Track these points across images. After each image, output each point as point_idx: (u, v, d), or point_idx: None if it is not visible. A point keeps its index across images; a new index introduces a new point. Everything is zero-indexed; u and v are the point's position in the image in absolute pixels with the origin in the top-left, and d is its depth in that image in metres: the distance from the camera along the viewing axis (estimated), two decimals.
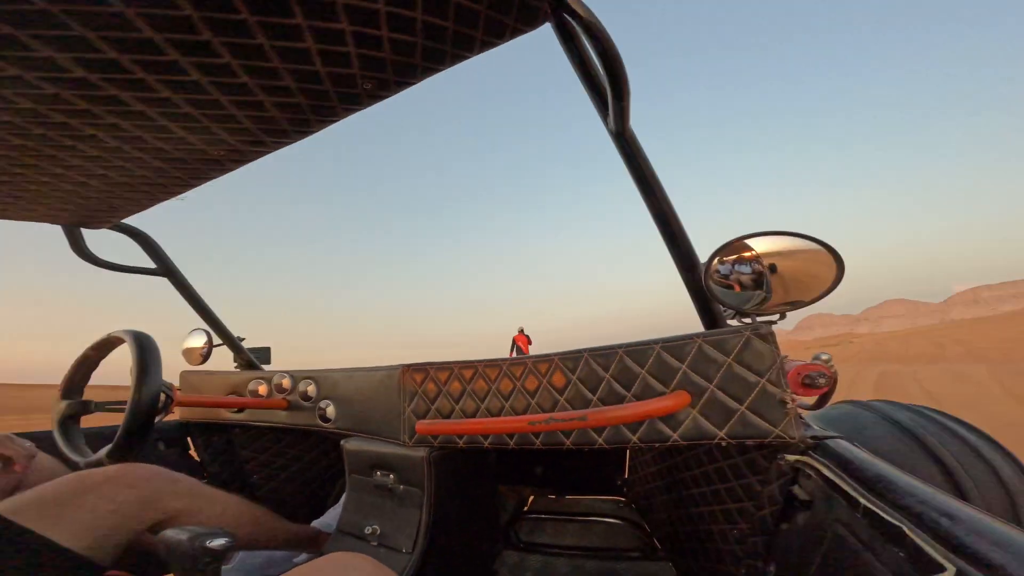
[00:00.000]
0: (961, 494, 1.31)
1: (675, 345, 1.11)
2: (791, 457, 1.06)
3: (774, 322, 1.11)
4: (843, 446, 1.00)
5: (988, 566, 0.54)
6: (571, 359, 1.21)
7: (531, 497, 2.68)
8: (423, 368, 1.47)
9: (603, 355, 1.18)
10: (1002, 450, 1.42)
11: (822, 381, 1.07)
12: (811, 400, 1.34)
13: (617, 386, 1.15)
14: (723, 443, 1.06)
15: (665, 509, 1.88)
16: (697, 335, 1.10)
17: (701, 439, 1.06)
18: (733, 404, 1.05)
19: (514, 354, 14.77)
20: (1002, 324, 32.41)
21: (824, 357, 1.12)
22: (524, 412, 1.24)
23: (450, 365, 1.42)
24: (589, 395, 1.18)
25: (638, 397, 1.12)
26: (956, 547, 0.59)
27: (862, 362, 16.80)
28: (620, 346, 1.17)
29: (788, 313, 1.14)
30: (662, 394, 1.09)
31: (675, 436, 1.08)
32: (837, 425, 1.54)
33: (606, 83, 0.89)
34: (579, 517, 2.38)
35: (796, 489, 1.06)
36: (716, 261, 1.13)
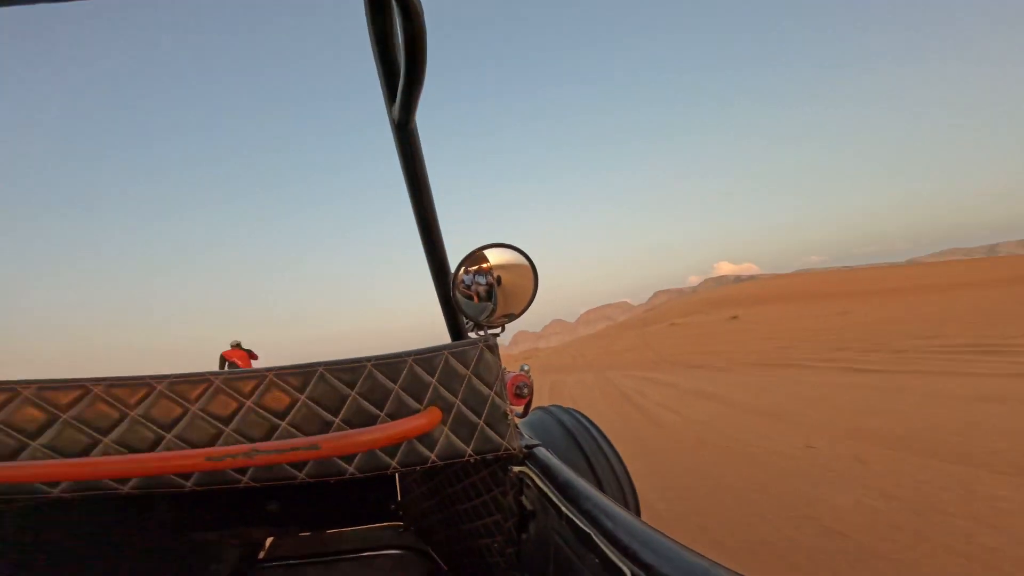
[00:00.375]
0: (597, 480, 1.55)
1: (426, 358, 1.02)
2: (516, 468, 1.05)
3: (498, 334, 1.10)
4: (544, 453, 1.03)
5: (646, 565, 0.58)
6: (297, 375, 1.00)
7: (269, 540, 2.22)
8: None
9: (346, 369, 1.01)
10: (607, 440, 1.73)
11: (526, 390, 1.18)
12: (520, 409, 1.46)
13: (367, 404, 0.99)
14: (471, 459, 1.01)
15: (443, 529, 1.71)
16: (444, 347, 1.04)
17: (454, 457, 1.00)
18: (474, 418, 1.01)
19: None
20: (594, 339, 42.05)
21: (526, 368, 1.19)
22: (208, 444, 0.98)
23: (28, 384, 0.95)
24: (328, 416, 0.98)
25: (393, 416, 0.99)
26: (627, 550, 0.62)
27: (540, 371, 20.42)
28: (368, 359, 1.02)
29: (507, 326, 1.16)
30: (416, 410, 1.00)
31: (433, 456, 0.99)
32: (539, 431, 1.75)
33: (402, 66, 0.80)
34: (349, 554, 2.05)
35: (523, 499, 1.06)
36: (462, 271, 1.13)
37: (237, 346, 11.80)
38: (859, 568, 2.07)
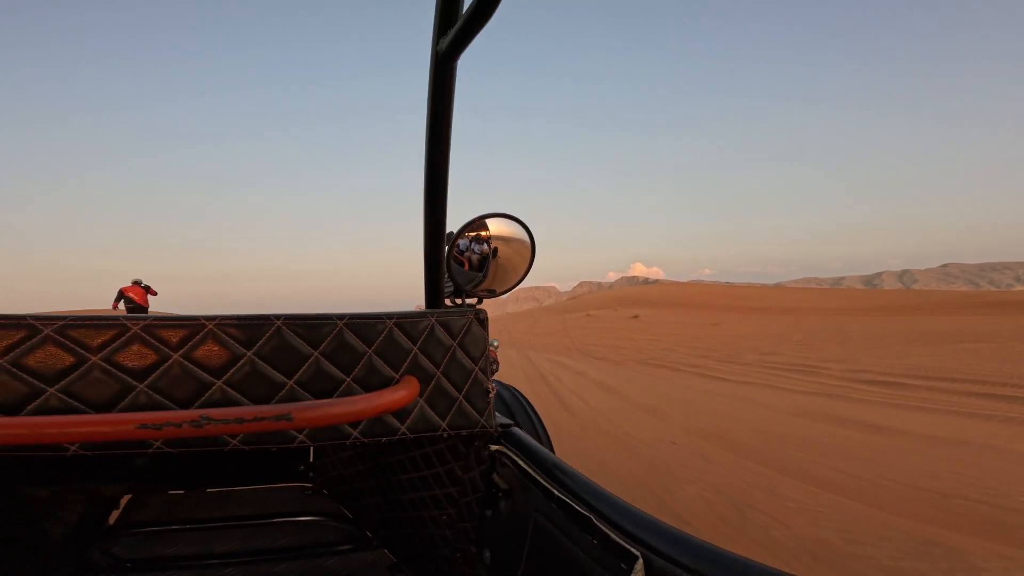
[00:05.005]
0: None
1: (409, 322, 0.82)
2: (492, 447, 0.90)
3: (474, 306, 0.93)
4: (519, 434, 0.89)
5: (656, 550, 0.53)
6: (244, 326, 0.73)
7: (125, 499, 1.61)
8: None
9: (310, 325, 0.77)
10: (543, 424, 1.66)
11: (495, 367, 1.08)
12: None
13: (330, 366, 0.76)
14: (444, 434, 0.83)
15: (370, 496, 1.42)
16: (430, 312, 0.85)
17: (427, 431, 0.82)
18: (454, 392, 0.84)
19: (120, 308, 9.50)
20: (520, 318, 39.18)
21: (495, 343, 1.12)
22: (106, 404, 0.67)
23: None
24: (279, 378, 0.74)
25: (362, 382, 0.78)
26: (636, 537, 0.57)
27: None
28: (340, 316, 0.79)
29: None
30: (390, 378, 0.79)
31: (403, 429, 0.80)
32: (498, 408, 1.46)
33: (469, 3, 0.64)
34: (245, 519, 1.55)
35: (495, 477, 0.91)
36: (462, 235, 0.94)
37: (137, 283, 9.75)
38: None
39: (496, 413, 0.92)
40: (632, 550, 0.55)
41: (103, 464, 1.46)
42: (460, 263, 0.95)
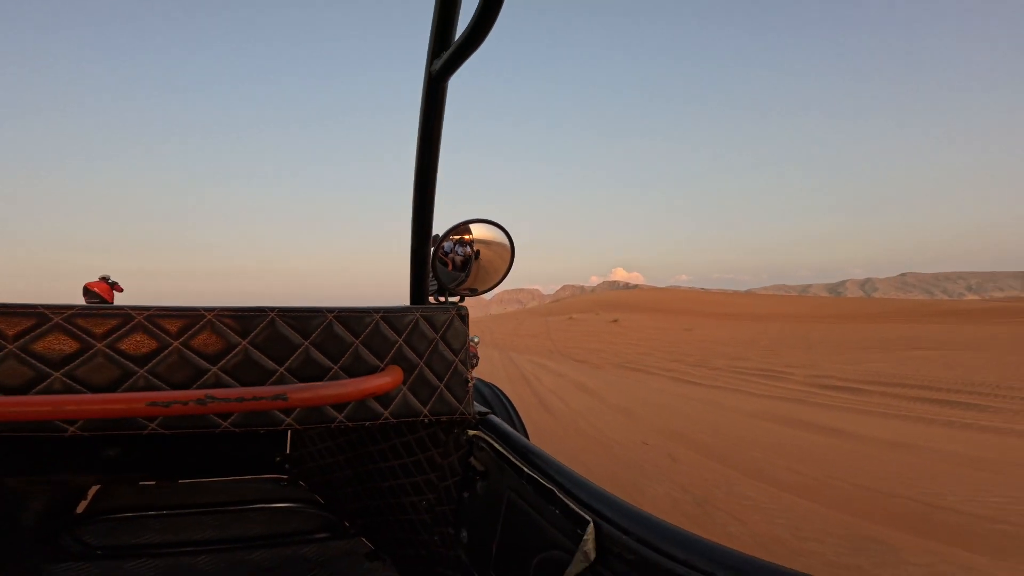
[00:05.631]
0: None
1: (395, 316, 0.86)
2: (470, 432, 0.94)
3: (457, 303, 0.98)
4: (496, 420, 0.93)
5: (605, 517, 0.59)
6: (241, 317, 0.78)
7: (93, 489, 1.56)
8: None
9: (302, 318, 0.81)
10: (518, 414, 1.67)
11: (475, 361, 0.97)
12: None
13: (319, 355, 0.81)
14: (426, 420, 0.87)
15: (348, 485, 1.43)
16: (415, 308, 0.89)
17: (409, 416, 0.85)
18: (435, 381, 0.88)
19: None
20: (504, 320, 38.59)
21: (475, 339, 1.00)
22: (108, 387, 0.70)
23: None
24: (270, 365, 0.78)
25: (348, 370, 0.82)
26: (589, 506, 0.62)
27: None
28: (330, 309, 0.83)
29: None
30: (375, 367, 0.83)
31: (386, 413, 0.83)
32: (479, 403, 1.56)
33: (464, 28, 0.67)
34: (218, 507, 1.52)
35: (473, 460, 0.94)
36: (447, 237, 1.00)
37: (104, 279, 9.28)
38: None
39: (475, 402, 0.97)
40: (585, 516, 0.61)
41: (76, 453, 1.44)
42: (444, 264, 1.00)
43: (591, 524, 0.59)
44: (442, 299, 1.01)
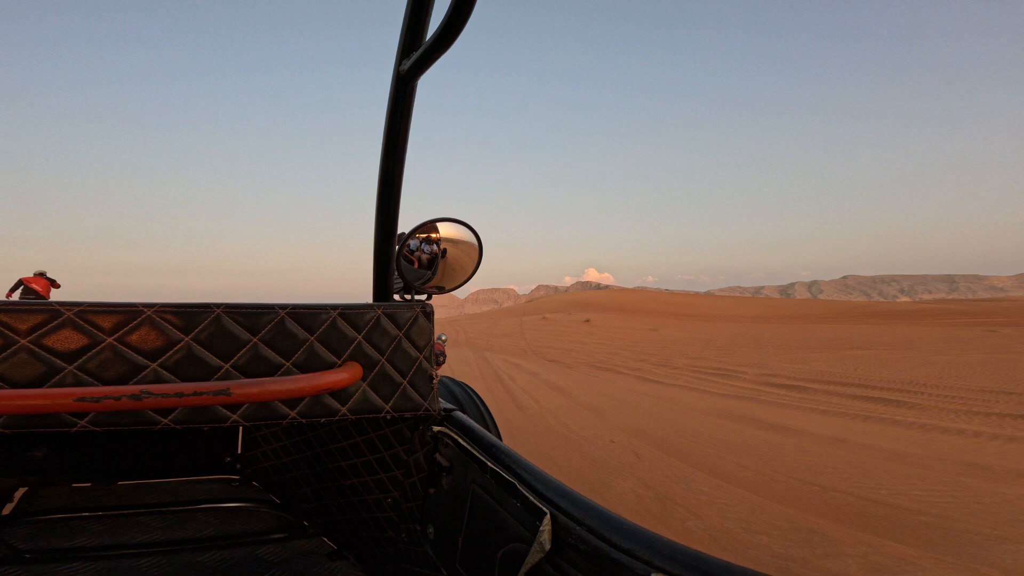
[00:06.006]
0: None
1: (355, 313, 0.82)
2: (435, 428, 0.90)
3: (423, 301, 0.94)
4: (461, 416, 0.89)
5: (561, 509, 0.58)
6: (182, 313, 0.72)
7: (19, 492, 1.42)
8: None
9: (251, 314, 0.75)
10: (489, 413, 1.64)
11: (441, 359, 1.05)
12: None
13: (269, 352, 0.75)
14: (388, 416, 0.83)
15: (306, 484, 1.34)
16: (376, 305, 0.85)
17: (369, 412, 0.82)
18: (398, 378, 0.84)
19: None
20: (479, 319, 37.79)
21: (443, 338, 1.13)
22: (30, 386, 0.65)
23: None
24: (215, 361, 0.72)
25: (302, 367, 0.76)
26: (547, 498, 0.61)
27: None
28: (283, 306, 0.78)
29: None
30: (332, 364, 0.78)
31: (344, 410, 0.79)
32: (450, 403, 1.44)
33: (435, 29, 0.64)
34: (162, 507, 1.37)
35: (438, 456, 0.91)
36: (413, 236, 0.96)
37: (41, 275, 8.54)
38: None
39: (441, 399, 0.93)
40: (543, 508, 0.60)
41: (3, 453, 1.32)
42: (410, 261, 0.96)
43: (548, 515, 0.58)
44: (408, 297, 0.97)
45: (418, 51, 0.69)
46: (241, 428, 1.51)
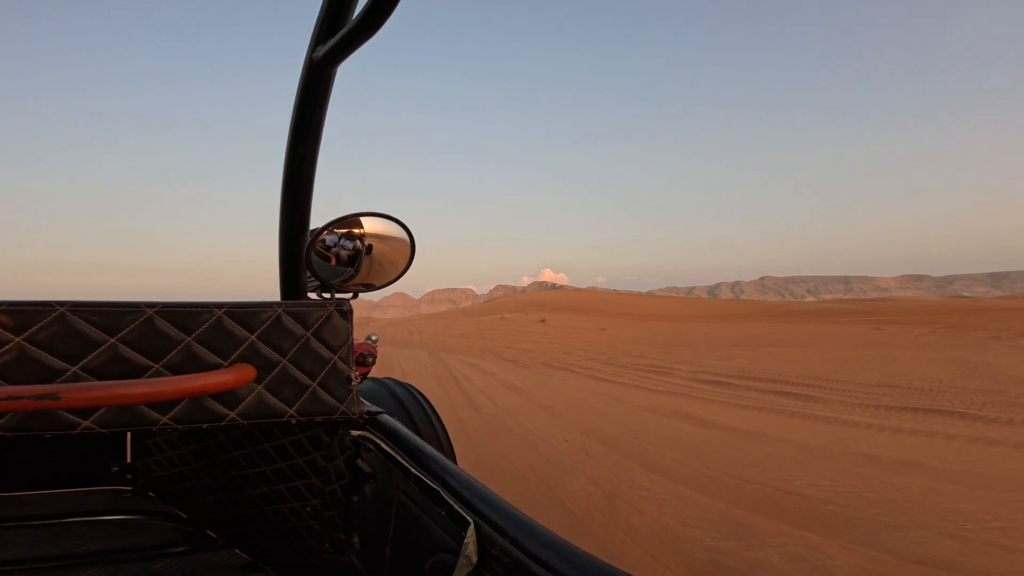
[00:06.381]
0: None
1: (246, 312, 0.73)
2: (355, 432, 0.83)
3: (346, 300, 0.84)
4: (387, 419, 0.82)
5: (486, 518, 0.54)
6: (13, 313, 0.61)
7: None
8: None
9: (110, 313, 0.64)
10: (436, 414, 1.49)
11: (371, 360, 0.82)
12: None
13: (131, 353, 0.65)
14: (293, 420, 0.74)
15: (209, 494, 1.19)
16: (277, 304, 0.76)
17: (267, 417, 0.73)
18: (305, 380, 0.75)
19: None
20: (435, 319, 36.44)
21: (373, 338, 0.86)
22: None
23: None
24: (57, 364, 0.62)
25: (174, 369, 0.67)
26: (472, 506, 0.57)
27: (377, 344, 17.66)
28: (150, 304, 0.68)
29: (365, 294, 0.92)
30: (216, 365, 0.69)
31: (233, 415, 0.70)
32: (370, 400, 1.28)
33: (357, 13, 0.57)
34: (36, 521, 1.17)
35: (360, 462, 0.83)
36: (327, 231, 0.87)
37: None
38: (580, 540, 2.31)
39: (364, 401, 0.83)
40: (467, 517, 0.55)
41: None
42: (326, 258, 0.87)
43: (472, 525, 0.54)
44: (327, 295, 0.87)
45: (336, 36, 0.62)
46: (129, 435, 1.30)
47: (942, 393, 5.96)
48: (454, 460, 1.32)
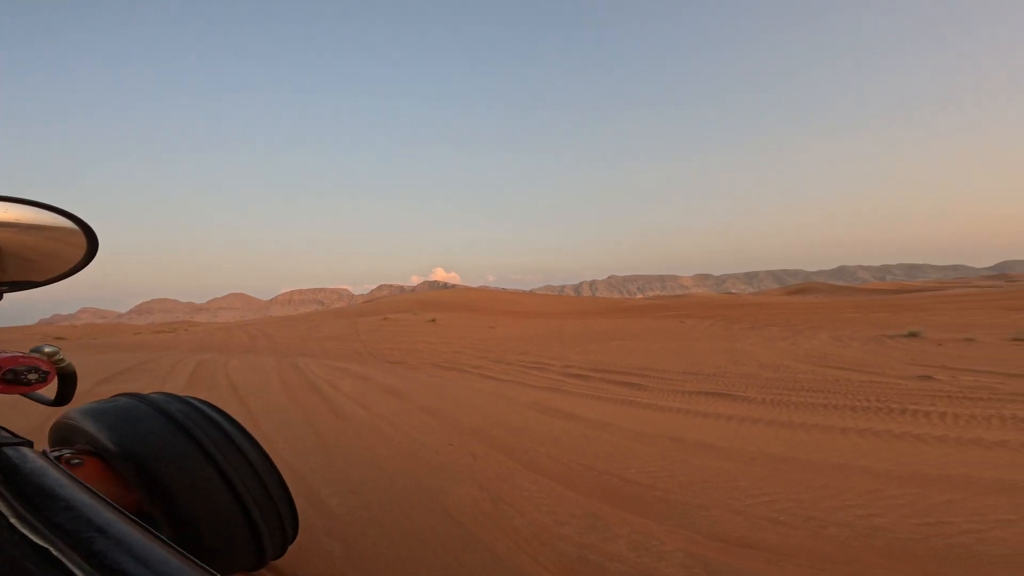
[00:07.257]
0: (222, 476, 1.01)
1: None
2: None
3: None
4: (21, 454, 0.58)
5: None
6: None
7: None
8: None
9: None
10: (249, 437, 1.22)
11: (33, 377, 0.68)
12: (51, 396, 0.84)
13: None
14: None
15: None
16: None
17: None
18: None
19: None
20: (294, 322, 30.28)
21: (48, 350, 0.73)
22: None
23: None
24: None
25: None
26: (104, 564, 0.40)
27: (189, 350, 13.15)
28: None
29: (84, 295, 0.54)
30: None
31: None
32: (109, 419, 1.03)
33: None
34: None
35: None
36: None
37: None
38: (471, 550, 2.16)
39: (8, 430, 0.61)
40: None
41: None
42: None
43: None
44: None
45: None
46: None
47: (722, 377, 7.35)
48: (278, 483, 1.14)
